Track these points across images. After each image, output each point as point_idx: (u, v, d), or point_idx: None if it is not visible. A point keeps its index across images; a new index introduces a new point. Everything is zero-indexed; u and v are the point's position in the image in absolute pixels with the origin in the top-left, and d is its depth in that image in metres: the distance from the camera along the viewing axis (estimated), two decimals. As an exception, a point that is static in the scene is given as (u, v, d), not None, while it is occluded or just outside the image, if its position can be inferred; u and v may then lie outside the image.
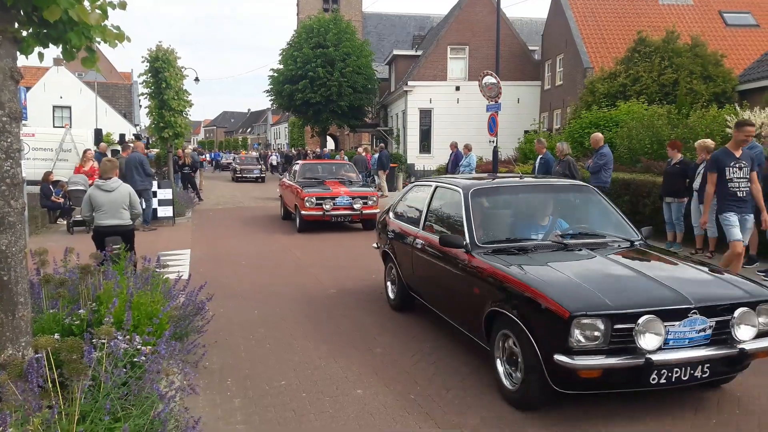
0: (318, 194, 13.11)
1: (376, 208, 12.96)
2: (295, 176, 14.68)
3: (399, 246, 6.80)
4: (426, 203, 6.38)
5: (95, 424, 3.13)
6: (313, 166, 16.00)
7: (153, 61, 16.20)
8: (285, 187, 15.42)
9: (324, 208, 12.93)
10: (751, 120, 12.35)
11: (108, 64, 56.69)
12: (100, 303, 4.70)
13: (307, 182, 14.04)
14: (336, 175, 15.04)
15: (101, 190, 6.99)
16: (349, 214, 13.28)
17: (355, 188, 13.85)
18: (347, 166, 16.13)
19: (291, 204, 14.34)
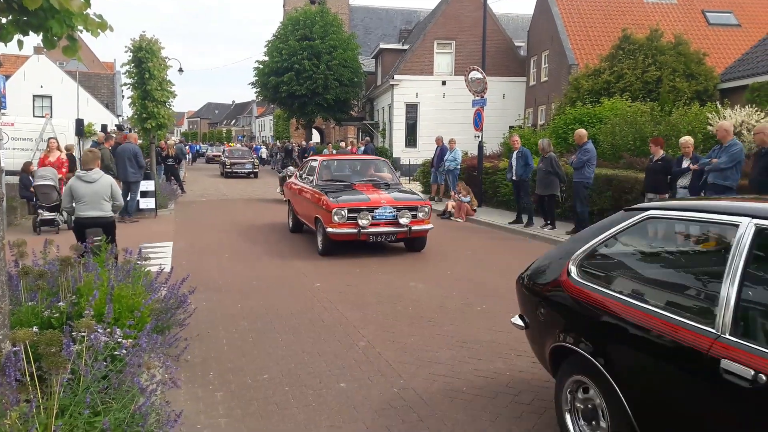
0: (351, 204, 9.61)
1: (429, 223, 10.07)
2: (312, 177, 11.17)
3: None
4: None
5: (74, 418, 3.09)
6: (337, 164, 12.18)
7: (136, 51, 16.00)
8: (296, 190, 11.88)
9: (359, 223, 9.49)
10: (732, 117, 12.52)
11: (90, 53, 55.97)
12: (81, 295, 4.64)
13: (331, 186, 10.66)
14: (365, 175, 11.65)
15: (82, 181, 6.90)
16: (394, 231, 9.74)
17: (399, 194, 10.36)
18: (380, 163, 12.18)
19: (307, 214, 11.02)
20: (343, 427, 4.02)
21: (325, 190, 10.21)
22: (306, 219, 11.21)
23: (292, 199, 12.43)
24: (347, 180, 11.15)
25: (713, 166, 8.75)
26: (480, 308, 6.94)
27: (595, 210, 12.36)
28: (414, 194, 10.85)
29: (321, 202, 9.93)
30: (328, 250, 9.94)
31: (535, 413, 4.22)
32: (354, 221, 9.55)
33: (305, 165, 12.72)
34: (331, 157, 13.02)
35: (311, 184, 10.99)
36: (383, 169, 11.88)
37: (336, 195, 9.92)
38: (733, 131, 9.09)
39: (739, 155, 8.66)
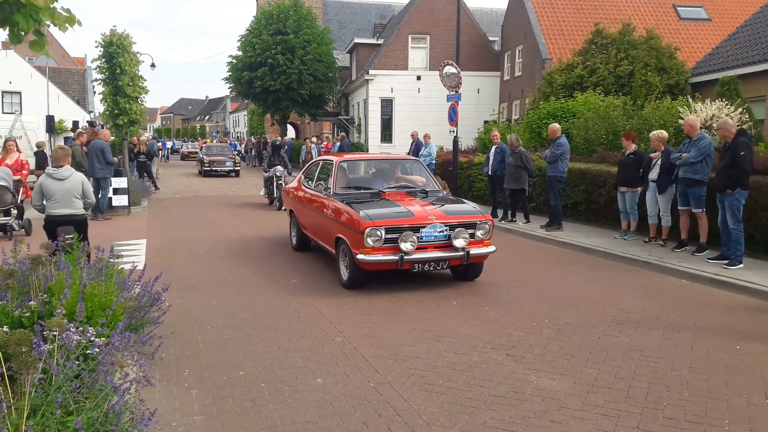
0: (390, 222, 7.16)
1: (490, 244, 7.68)
2: (327, 183, 8.80)
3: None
4: None
5: (46, 418, 3.05)
6: (359, 166, 10.13)
7: (107, 46, 15.76)
8: (302, 199, 9.55)
9: (401, 247, 7.05)
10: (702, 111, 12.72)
11: (60, 48, 54.98)
12: (52, 294, 4.57)
13: (354, 195, 8.26)
14: (393, 179, 9.08)
15: (53, 178, 6.79)
16: (446, 257, 7.29)
17: (449, 207, 7.87)
18: (411, 164, 9.77)
19: (321, 232, 8.63)
20: (319, 423, 4.02)
21: (347, 201, 7.81)
22: (320, 238, 8.74)
23: (297, 210, 9.90)
24: (373, 186, 8.65)
25: (683, 161, 8.90)
26: (456, 302, 6.98)
27: (568, 203, 12.51)
28: (468, 206, 8.15)
29: (346, 218, 7.48)
30: (356, 282, 7.46)
31: (511, 406, 4.27)
32: (394, 244, 7.11)
33: (312, 167, 10.09)
34: (351, 157, 10.19)
35: (327, 191, 8.56)
36: (416, 172, 9.42)
37: (365, 208, 7.46)
38: (699, 125, 9.25)
39: (708, 148, 8.81)
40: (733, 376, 4.80)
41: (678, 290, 7.63)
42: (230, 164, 29.25)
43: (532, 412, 4.16)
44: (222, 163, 29.13)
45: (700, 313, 6.57)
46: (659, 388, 4.57)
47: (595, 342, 5.61)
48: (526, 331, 5.91)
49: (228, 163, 29.25)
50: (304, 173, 10.34)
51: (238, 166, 29.68)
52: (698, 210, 8.97)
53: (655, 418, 4.08)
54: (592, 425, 3.97)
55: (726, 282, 7.64)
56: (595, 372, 4.87)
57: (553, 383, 4.65)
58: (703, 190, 8.91)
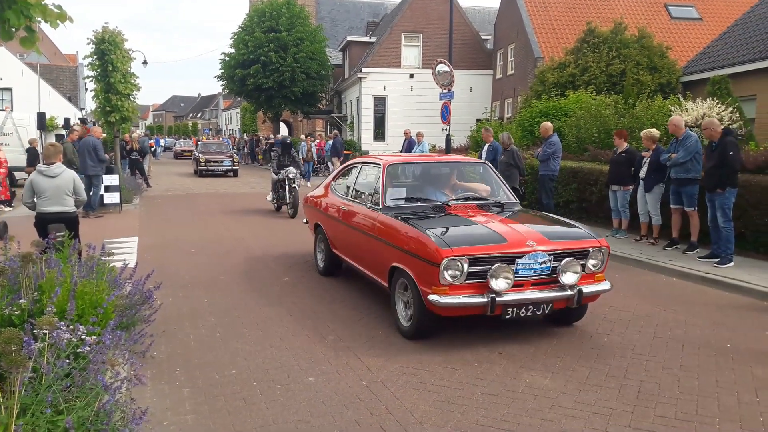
0: (476, 250, 5.26)
1: (603, 279, 5.74)
2: (370, 192, 6.86)
3: None
4: None
5: (36, 417, 3.03)
6: (412, 171, 7.59)
7: (99, 43, 15.67)
8: (338, 212, 7.54)
9: (493, 286, 5.16)
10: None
11: (52, 45, 54.69)
12: (42, 292, 4.55)
13: (412, 210, 6.39)
14: (450, 185, 7.19)
15: (44, 175, 6.75)
16: (551, 299, 5.40)
17: (548, 227, 5.98)
18: (475, 168, 7.77)
19: (365, 256, 6.72)
20: (311, 422, 4.02)
21: (404, 218, 5.98)
22: (363, 263, 6.80)
23: (326, 226, 7.99)
24: (432, 197, 6.72)
25: (673, 162, 8.95)
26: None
27: (560, 202, 12.53)
28: (575, 226, 6.00)
29: (409, 242, 5.56)
30: (423, 331, 5.54)
31: (504, 404, 4.28)
32: (479, 281, 5.17)
33: (348, 171, 8.14)
34: (400, 159, 7.70)
35: (373, 204, 6.58)
36: (480, 178, 7.39)
37: (433, 227, 5.53)
38: (684, 124, 9.30)
39: (696, 146, 8.87)
40: (724, 374, 4.82)
41: (669, 288, 7.66)
42: (228, 163, 27.60)
43: (525, 410, 4.17)
44: (219, 162, 27.50)
45: (692, 311, 6.61)
46: (651, 386, 4.59)
47: (587, 340, 5.63)
48: (518, 329, 5.92)
49: (226, 162, 27.59)
50: (334, 179, 8.44)
51: (236, 166, 27.94)
52: (690, 209, 9.02)
53: (646, 416, 4.10)
54: (584, 423, 3.99)
55: (717, 280, 7.68)
56: (587, 370, 4.89)
57: (545, 381, 4.66)
58: (695, 189, 8.95)
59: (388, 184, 6.66)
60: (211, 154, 28.42)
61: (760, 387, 4.59)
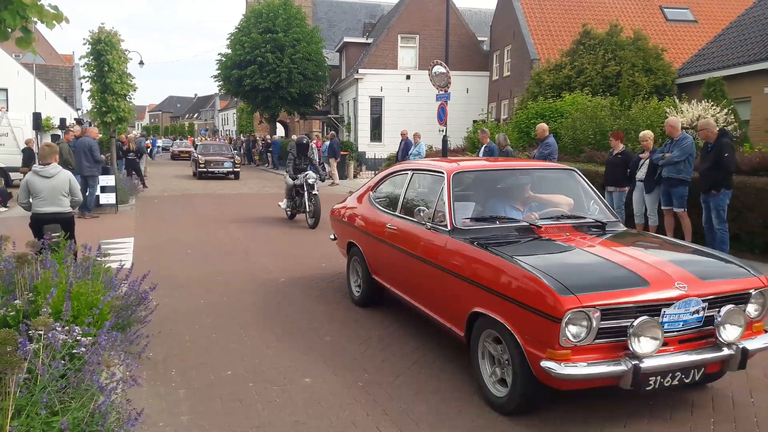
0: (611, 296, 3.73)
1: (764, 331, 4.21)
2: (431, 210, 5.28)
3: None
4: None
5: (31, 419, 3.03)
6: (484, 180, 5.82)
7: (95, 44, 15.64)
8: (382, 232, 6.11)
9: (635, 349, 3.65)
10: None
11: (47, 45, 54.53)
12: (38, 293, 4.54)
13: (492, 234, 4.85)
14: (522, 198, 5.60)
15: (39, 176, 6.73)
16: (704, 362, 3.88)
17: (696, 261, 4.44)
18: (557, 175, 5.99)
19: (426, 292, 5.25)
20: (308, 423, 4.02)
21: (485, 244, 4.49)
22: (426, 302, 5.25)
23: (366, 246, 6.50)
24: (510, 214, 5.21)
25: (666, 161, 8.99)
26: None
27: (557, 203, 12.54)
28: (718, 257, 4.61)
29: (502, 280, 4.12)
30: (529, 404, 4.13)
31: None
32: (615, 339, 3.81)
33: (387, 179, 6.72)
34: (469, 165, 5.88)
35: (437, 225, 5.06)
36: (562, 188, 5.71)
37: (538, 262, 4.14)
38: (680, 126, 9.33)
39: (690, 148, 8.92)
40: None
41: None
42: (229, 165, 26.36)
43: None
44: (220, 164, 26.31)
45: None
46: (645, 387, 4.58)
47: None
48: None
49: (227, 164, 26.37)
50: (372, 188, 6.92)
51: (237, 167, 26.67)
52: (680, 209, 9.06)
53: (641, 416, 4.11)
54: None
55: (712, 282, 7.68)
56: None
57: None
58: (685, 190, 8.99)
59: (457, 198, 5.14)
60: (211, 155, 27.35)
61: (755, 388, 4.60)
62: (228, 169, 26.22)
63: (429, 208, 5.31)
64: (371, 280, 6.45)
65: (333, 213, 7.70)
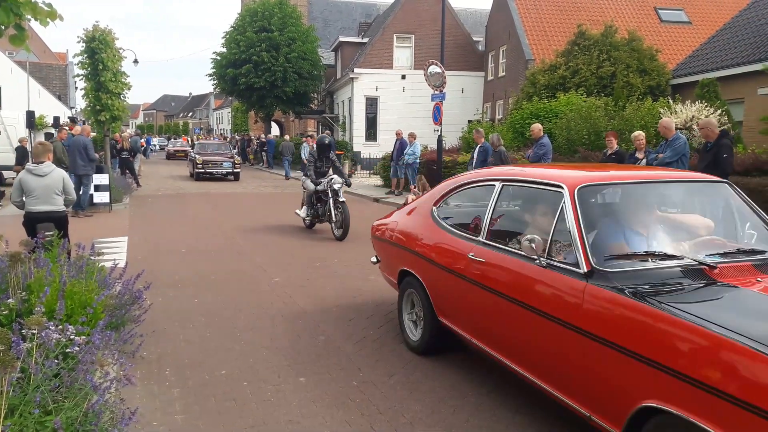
0: None
1: None
2: (557, 245, 3.69)
3: None
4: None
5: (24, 418, 3.01)
6: (618, 198, 4.10)
7: (89, 42, 15.60)
8: (467, 263, 4.43)
9: None
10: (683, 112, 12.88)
11: (41, 43, 54.32)
12: (31, 292, 4.52)
13: (648, 281, 3.19)
14: (657, 219, 3.97)
15: (33, 174, 6.70)
16: None
17: None
18: (713, 190, 4.48)
19: (551, 363, 3.59)
20: (302, 422, 4.01)
21: (649, 297, 3.03)
22: (544, 376, 3.70)
23: (428, 277, 5.06)
24: (660, 245, 3.62)
25: (659, 161, 9.04)
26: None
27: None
28: None
29: (708, 362, 2.58)
30: None
31: (493, 404, 4.29)
32: None
33: (458, 191, 5.22)
34: (594, 177, 4.03)
35: (567, 265, 3.52)
36: (703, 204, 4.50)
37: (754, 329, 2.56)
38: (674, 126, 9.37)
39: (683, 149, 8.96)
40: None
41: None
42: (228, 165, 25.19)
43: (515, 409, 4.19)
44: (219, 164, 25.08)
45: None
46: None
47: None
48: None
49: (225, 164, 25.16)
50: (436, 202, 5.31)
51: (237, 168, 25.47)
52: None
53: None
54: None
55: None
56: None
57: (535, 382, 4.67)
58: None
59: (590, 226, 3.61)
60: (209, 155, 25.91)
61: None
62: (227, 170, 25.12)
63: (538, 236, 3.69)
64: (437, 322, 4.98)
65: (375, 231, 6.24)
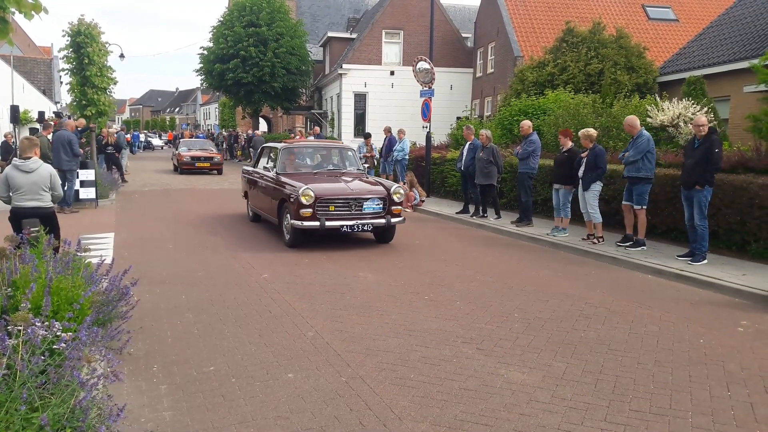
0: None
1: None
2: None
3: None
4: None
5: (11, 415, 2.99)
6: None
7: (74, 36, 15.50)
8: None
9: None
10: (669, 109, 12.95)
11: (25, 37, 53.67)
12: (17, 288, 4.48)
13: None
14: None
15: (19, 170, 6.63)
16: None
17: None
18: None
19: None
20: (290, 418, 4.01)
21: None
22: None
23: None
24: None
25: (625, 160, 9.14)
26: (428, 297, 7.01)
27: (539, 199, 12.64)
28: None
29: None
30: None
31: (482, 399, 4.31)
32: None
33: None
34: None
35: None
36: None
37: None
38: (639, 124, 9.44)
39: (646, 146, 9.04)
40: (697, 369, 4.91)
41: (645, 285, 7.77)
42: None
43: (502, 405, 4.21)
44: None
45: (666, 307, 6.71)
46: (626, 381, 4.65)
47: (564, 336, 5.69)
48: (496, 325, 5.97)
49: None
50: None
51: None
52: (638, 207, 9.20)
53: (621, 410, 4.16)
54: (561, 418, 4.03)
55: (691, 277, 7.81)
56: (563, 365, 4.94)
57: (523, 377, 4.70)
58: (646, 188, 9.14)
59: None
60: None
61: (731, 381, 4.68)
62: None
63: None
64: None
65: None
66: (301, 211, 9.32)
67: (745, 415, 4.14)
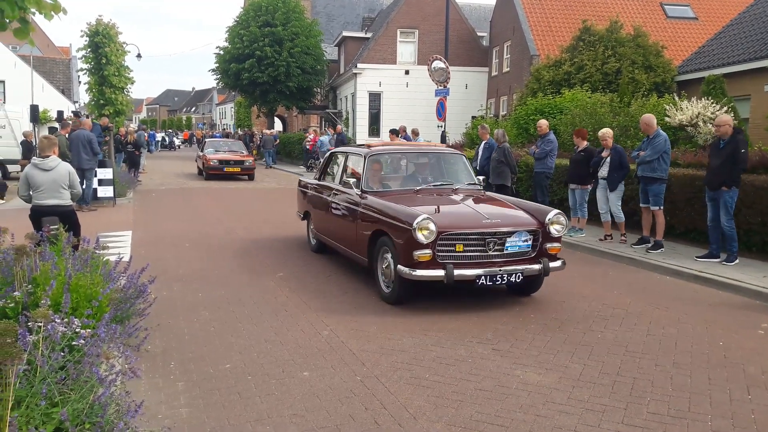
0: None
1: None
2: None
3: None
4: None
5: (31, 410, 3.03)
6: None
7: (93, 36, 15.67)
8: None
9: None
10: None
11: (45, 37, 54.28)
12: (37, 285, 4.54)
13: None
14: None
15: (39, 168, 6.71)
16: None
17: None
18: None
19: None
20: (306, 416, 4.02)
21: None
22: None
23: None
24: None
25: (640, 159, 9.02)
26: (441, 296, 6.99)
27: (555, 199, 12.56)
28: None
29: None
30: None
31: (497, 400, 4.29)
32: None
33: None
34: None
35: None
36: None
37: None
38: (656, 123, 9.33)
39: (663, 146, 8.94)
40: (716, 372, 4.85)
41: (662, 287, 7.70)
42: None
43: (518, 406, 4.19)
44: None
45: (684, 309, 6.64)
46: (643, 383, 4.61)
47: (581, 337, 5.65)
48: (513, 325, 5.94)
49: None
50: None
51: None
52: (656, 207, 9.10)
53: (639, 413, 4.12)
54: (578, 419, 4.00)
55: (710, 279, 7.72)
56: (580, 367, 4.91)
57: (539, 378, 4.68)
58: (661, 188, 9.04)
59: None
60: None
61: (752, 385, 4.62)
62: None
63: None
64: None
65: None
66: (416, 253, 6.14)
67: (766, 418, 4.09)
